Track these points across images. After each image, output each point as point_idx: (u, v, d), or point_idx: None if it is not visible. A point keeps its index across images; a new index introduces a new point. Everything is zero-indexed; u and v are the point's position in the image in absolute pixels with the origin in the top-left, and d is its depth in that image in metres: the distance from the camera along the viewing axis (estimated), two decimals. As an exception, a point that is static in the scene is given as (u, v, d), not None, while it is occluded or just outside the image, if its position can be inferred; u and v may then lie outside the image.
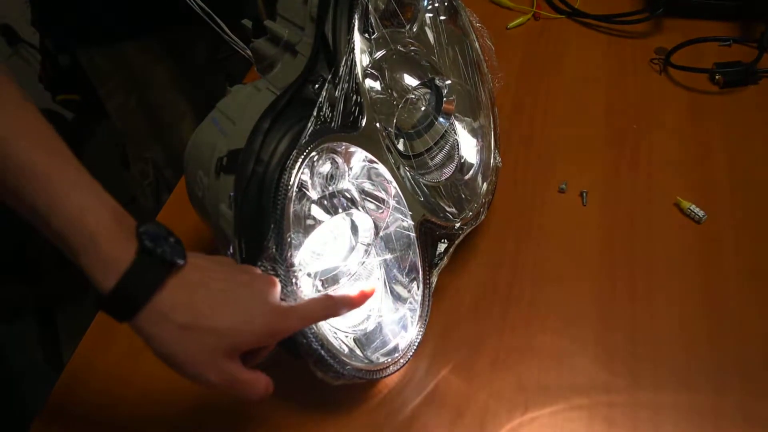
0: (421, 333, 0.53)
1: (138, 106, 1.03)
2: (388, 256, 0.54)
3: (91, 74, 0.99)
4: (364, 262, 0.54)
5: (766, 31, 0.76)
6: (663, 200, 0.65)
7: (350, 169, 0.52)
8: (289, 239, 0.47)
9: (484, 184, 0.61)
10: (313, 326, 0.46)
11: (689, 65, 0.77)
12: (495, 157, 0.62)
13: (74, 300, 1.78)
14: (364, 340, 0.52)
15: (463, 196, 0.59)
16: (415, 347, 0.52)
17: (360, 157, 0.52)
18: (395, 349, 0.52)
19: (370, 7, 0.56)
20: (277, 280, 0.44)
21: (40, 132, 0.41)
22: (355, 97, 0.52)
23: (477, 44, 0.64)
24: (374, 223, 0.54)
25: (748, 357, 0.53)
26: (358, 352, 0.51)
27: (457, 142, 0.63)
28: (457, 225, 0.57)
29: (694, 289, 0.58)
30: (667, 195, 0.65)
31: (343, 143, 0.51)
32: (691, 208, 0.63)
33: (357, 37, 0.54)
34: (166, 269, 0.40)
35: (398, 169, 0.55)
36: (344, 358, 0.48)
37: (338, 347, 0.48)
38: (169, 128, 1.05)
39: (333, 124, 0.50)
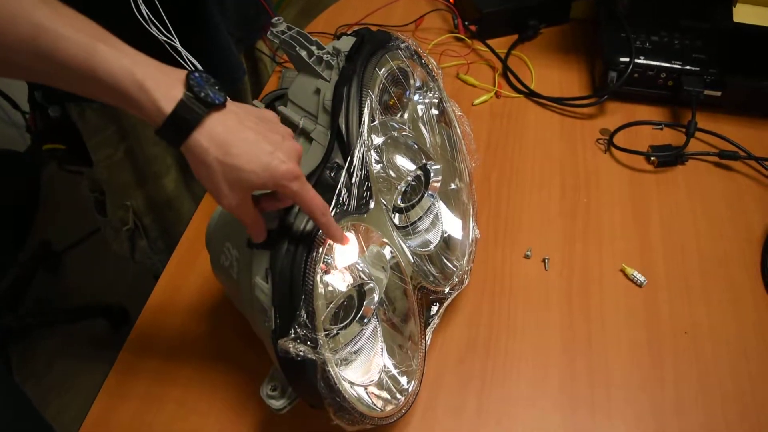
0: (419, 385, 0.62)
1: (125, 158, 1.07)
2: (394, 318, 0.63)
3: (81, 127, 1.02)
4: (368, 322, 0.63)
5: (692, 119, 0.90)
6: (611, 266, 0.77)
7: (361, 245, 0.62)
8: (316, 307, 0.55)
9: (467, 253, 0.71)
10: (338, 381, 0.54)
11: (628, 146, 0.90)
12: (474, 230, 0.73)
13: (26, 335, 1.79)
14: (375, 391, 0.61)
15: (450, 264, 0.69)
16: (414, 398, 0.61)
17: (368, 231, 0.62)
18: (398, 399, 0.61)
19: (374, 100, 0.66)
20: (299, 145, 0.56)
21: (83, 21, 0.51)
22: (366, 183, 0.62)
23: (459, 131, 0.75)
24: (380, 290, 0.63)
25: (683, 400, 0.65)
26: (370, 401, 0.60)
27: (440, 214, 0.73)
28: (446, 290, 0.67)
29: (639, 344, 0.70)
30: (615, 261, 0.77)
31: (360, 224, 0.60)
32: (634, 274, 0.75)
33: (366, 127, 0.64)
34: (207, 106, 0.50)
35: (397, 240, 0.65)
36: (360, 408, 0.56)
37: (355, 397, 0.57)
38: (154, 179, 1.10)
39: (349, 207, 0.60)
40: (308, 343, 0.53)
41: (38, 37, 0.48)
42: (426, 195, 0.73)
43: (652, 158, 0.88)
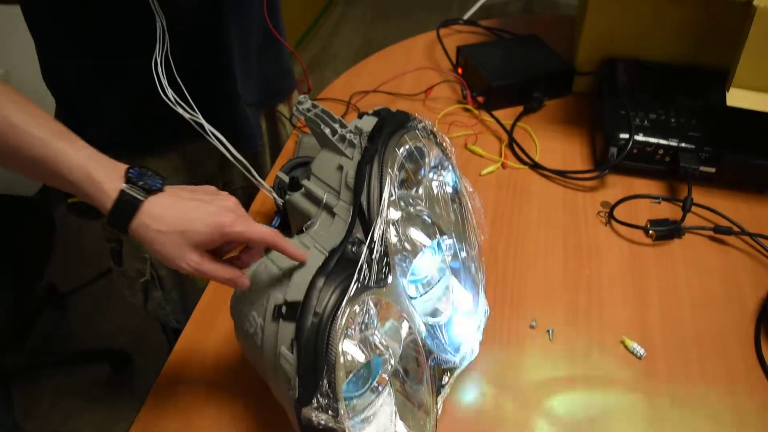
0: (431, 452, 0.65)
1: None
2: (408, 386, 0.67)
3: None
4: (382, 391, 0.66)
5: (688, 195, 0.95)
6: (612, 338, 0.81)
7: (382, 317, 0.65)
8: (337, 377, 0.59)
9: (477, 325, 0.75)
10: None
11: (627, 219, 0.95)
12: (484, 302, 0.77)
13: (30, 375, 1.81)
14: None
15: (460, 335, 0.73)
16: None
17: (389, 306, 0.66)
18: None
19: (394, 178, 0.71)
20: (233, 197, 0.65)
21: (47, 119, 0.61)
22: (385, 258, 0.66)
23: (470, 206, 0.79)
24: (394, 360, 0.66)
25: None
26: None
27: (451, 286, 0.77)
28: (457, 360, 0.70)
29: (639, 415, 0.73)
30: (615, 333, 0.81)
31: (381, 297, 0.64)
32: (634, 346, 0.79)
33: (386, 204, 0.68)
34: (145, 193, 0.60)
35: (411, 310, 0.69)
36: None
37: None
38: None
39: (369, 282, 0.64)
40: (329, 412, 0.57)
41: (8, 134, 0.58)
42: (438, 267, 0.77)
43: (651, 232, 0.93)
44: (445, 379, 0.70)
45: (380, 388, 0.66)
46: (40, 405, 1.75)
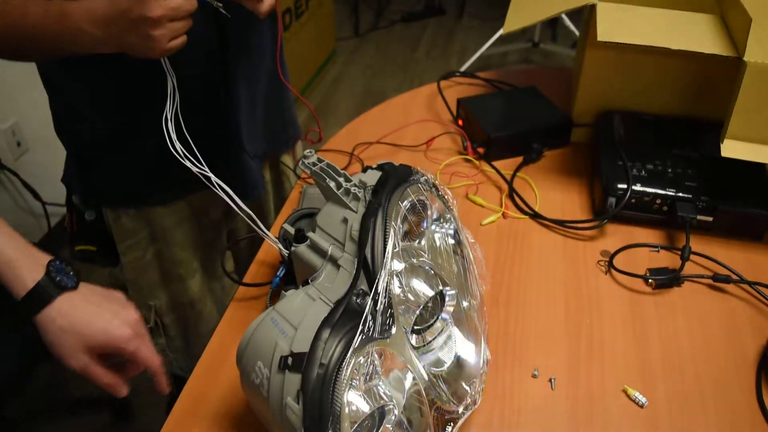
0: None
1: (153, 260, 1.13)
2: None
3: (114, 231, 1.09)
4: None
5: (686, 244, 0.97)
6: (614, 386, 0.81)
7: (386, 367, 0.67)
8: (343, 429, 0.60)
9: (479, 374, 0.75)
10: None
11: (627, 267, 0.96)
12: (485, 351, 0.78)
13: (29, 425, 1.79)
14: None
15: (463, 384, 0.74)
16: None
17: (393, 357, 0.67)
18: None
19: (397, 231, 0.73)
20: (137, 314, 0.73)
21: None
22: (389, 309, 0.67)
23: (471, 257, 0.81)
24: (398, 410, 0.67)
25: None
26: None
27: (454, 336, 0.78)
28: (460, 410, 0.71)
29: (642, 465, 0.73)
30: (617, 382, 0.82)
31: (385, 348, 0.65)
32: (635, 395, 0.80)
33: (389, 257, 0.70)
34: (59, 289, 0.67)
35: (414, 360, 0.70)
36: None
37: None
38: (179, 281, 1.16)
39: (373, 333, 0.65)
40: (337, 466, 0.58)
41: None
42: (440, 317, 0.78)
43: (651, 281, 0.95)
44: (449, 429, 0.71)
45: (385, 437, 0.66)
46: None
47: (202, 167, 0.83)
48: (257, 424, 0.73)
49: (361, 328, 0.63)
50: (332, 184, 0.77)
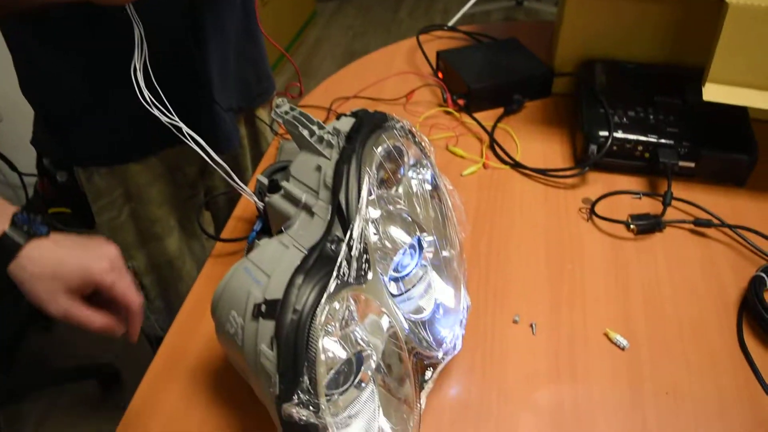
0: (414, 447, 0.65)
1: (128, 220, 1.11)
2: (391, 383, 0.67)
3: (87, 190, 1.07)
4: (365, 387, 0.66)
5: (668, 189, 0.96)
6: (595, 330, 0.81)
7: (362, 313, 0.66)
8: (318, 374, 0.59)
9: (459, 321, 0.75)
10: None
11: (609, 215, 0.95)
12: (465, 297, 0.77)
13: (15, 396, 1.78)
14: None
15: (442, 330, 0.73)
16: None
17: (368, 302, 0.66)
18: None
19: (372, 177, 0.72)
20: (116, 249, 0.69)
21: None
22: (364, 255, 0.66)
23: (450, 204, 0.80)
24: (377, 356, 0.66)
25: (666, 463, 0.68)
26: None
27: (433, 283, 0.77)
28: (440, 355, 0.71)
29: (623, 405, 0.73)
30: (598, 326, 0.81)
31: (360, 293, 0.64)
32: (617, 337, 0.79)
33: (364, 203, 0.69)
34: (27, 236, 0.63)
35: (393, 307, 0.69)
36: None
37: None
38: (156, 240, 1.14)
39: (348, 278, 0.64)
40: (311, 408, 0.57)
41: None
42: (419, 265, 0.77)
43: (632, 226, 0.94)
44: (428, 374, 0.70)
45: (363, 385, 0.66)
46: (25, 427, 1.73)
47: (171, 117, 0.81)
48: (235, 377, 0.72)
49: (335, 273, 0.62)
50: (305, 132, 0.75)
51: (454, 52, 1.26)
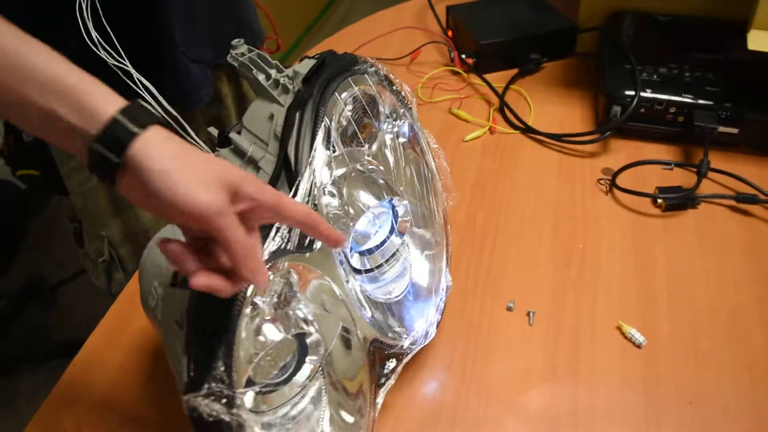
0: (364, 455, 0.53)
1: (100, 185, 1.02)
2: (335, 377, 0.54)
3: (54, 152, 0.99)
4: (309, 382, 0.54)
5: (704, 158, 0.81)
6: (606, 323, 0.67)
7: (303, 289, 0.54)
8: (238, 359, 0.47)
9: (434, 304, 0.62)
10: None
11: (633, 188, 0.81)
12: (446, 277, 0.64)
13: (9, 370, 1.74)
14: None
15: (413, 314, 0.61)
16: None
17: (314, 276, 0.54)
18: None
19: (332, 128, 0.59)
20: None
21: (40, 46, 0.44)
22: (312, 217, 0.54)
23: (433, 165, 0.67)
24: (323, 342, 0.54)
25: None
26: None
27: (409, 260, 0.65)
28: (406, 344, 0.58)
29: (634, 415, 0.59)
30: (611, 317, 0.67)
31: (298, 263, 0.52)
32: (632, 332, 0.65)
33: (318, 156, 0.57)
34: (154, 117, 0.43)
35: (350, 285, 0.56)
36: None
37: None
38: (130, 208, 1.05)
39: (289, 245, 0.52)
40: (223, 401, 0.45)
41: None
42: (393, 236, 0.65)
43: (660, 200, 0.79)
44: (389, 366, 0.57)
45: (306, 380, 0.54)
46: (18, 401, 1.67)
47: (122, 61, 0.70)
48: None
49: (271, 236, 0.50)
50: (261, 77, 0.62)
51: (467, 7, 1.12)
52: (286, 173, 0.55)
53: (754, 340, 0.65)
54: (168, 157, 0.42)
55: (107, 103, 0.42)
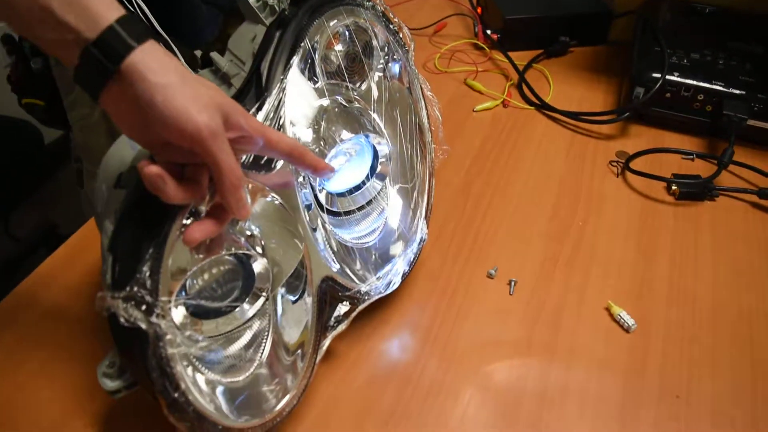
0: (298, 398, 0.48)
1: (101, 121, 1.01)
2: (279, 309, 0.50)
3: (58, 80, 0.97)
4: (255, 312, 0.50)
5: (728, 147, 0.75)
6: (595, 301, 0.61)
7: (252, 206, 0.49)
8: (166, 267, 0.43)
9: (402, 253, 0.57)
10: (173, 364, 0.42)
11: (648, 172, 0.75)
12: (421, 229, 0.59)
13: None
14: (234, 395, 0.47)
15: (375, 259, 0.56)
16: (287, 413, 0.47)
17: (267, 197, 0.50)
18: (267, 410, 0.47)
19: (316, 55, 0.55)
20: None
21: None
22: (277, 138, 0.50)
23: (424, 112, 0.63)
24: (277, 270, 0.50)
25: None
26: (224, 407, 0.46)
27: (387, 211, 0.60)
28: (363, 289, 0.53)
29: (611, 401, 0.53)
30: (601, 298, 0.61)
31: (259, 187, 0.48)
32: (621, 314, 0.59)
33: (296, 79, 0.53)
34: (150, 32, 0.41)
35: (309, 220, 0.52)
36: (201, 407, 0.43)
37: (198, 392, 0.44)
38: (132, 148, 1.03)
39: (244, 160, 0.48)
40: (143, 307, 0.41)
41: None
42: (372, 180, 0.60)
43: (674, 187, 0.73)
44: (341, 310, 0.53)
45: (248, 307, 0.50)
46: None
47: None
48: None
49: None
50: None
51: (499, -17, 1.07)
52: (256, 89, 0.52)
53: (759, 340, 0.59)
54: (170, 72, 0.40)
55: (108, 9, 0.40)
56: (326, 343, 0.51)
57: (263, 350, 0.50)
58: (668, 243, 0.68)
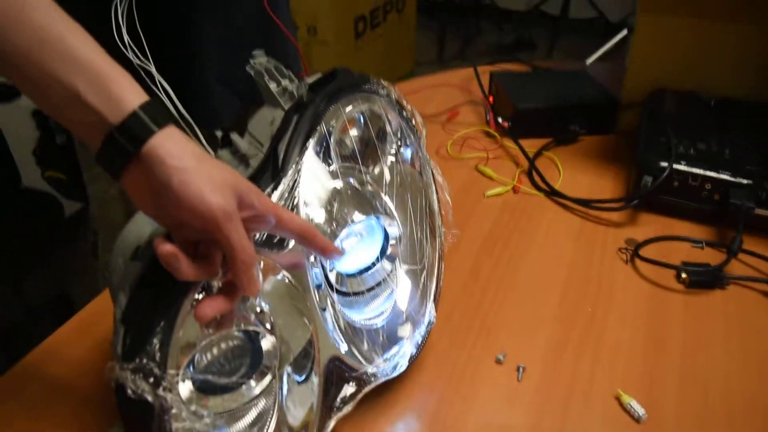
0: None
1: (119, 196, 1.03)
2: (285, 388, 0.50)
3: (80, 155, 1.01)
4: (261, 389, 0.50)
5: (737, 235, 0.75)
6: (604, 389, 0.60)
7: (263, 284, 0.50)
8: (177, 340, 0.44)
9: (410, 335, 0.57)
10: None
11: (657, 259, 0.75)
12: (430, 312, 0.60)
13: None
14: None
15: (383, 340, 0.56)
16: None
17: (277, 275, 0.51)
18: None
19: (332, 139, 0.58)
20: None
21: (79, 30, 0.44)
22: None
23: (435, 196, 0.64)
24: (285, 348, 0.50)
25: None
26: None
27: (396, 293, 0.61)
28: (370, 370, 0.53)
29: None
30: (610, 386, 0.61)
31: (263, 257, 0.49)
32: (631, 403, 0.58)
33: (311, 162, 0.55)
34: (171, 116, 0.44)
35: (319, 300, 0.53)
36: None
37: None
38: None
39: (258, 238, 0.49)
40: (150, 379, 0.42)
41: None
42: (382, 261, 0.61)
43: (684, 275, 0.73)
44: (347, 391, 0.52)
45: (254, 384, 0.50)
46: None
47: (146, 62, 0.71)
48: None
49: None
50: (272, 85, 0.62)
51: (510, 75, 1.12)
52: (272, 169, 0.54)
53: (774, 435, 0.57)
54: (187, 156, 0.42)
55: (132, 94, 0.43)
56: (331, 424, 0.50)
57: (267, 430, 0.50)
58: (679, 331, 0.68)
